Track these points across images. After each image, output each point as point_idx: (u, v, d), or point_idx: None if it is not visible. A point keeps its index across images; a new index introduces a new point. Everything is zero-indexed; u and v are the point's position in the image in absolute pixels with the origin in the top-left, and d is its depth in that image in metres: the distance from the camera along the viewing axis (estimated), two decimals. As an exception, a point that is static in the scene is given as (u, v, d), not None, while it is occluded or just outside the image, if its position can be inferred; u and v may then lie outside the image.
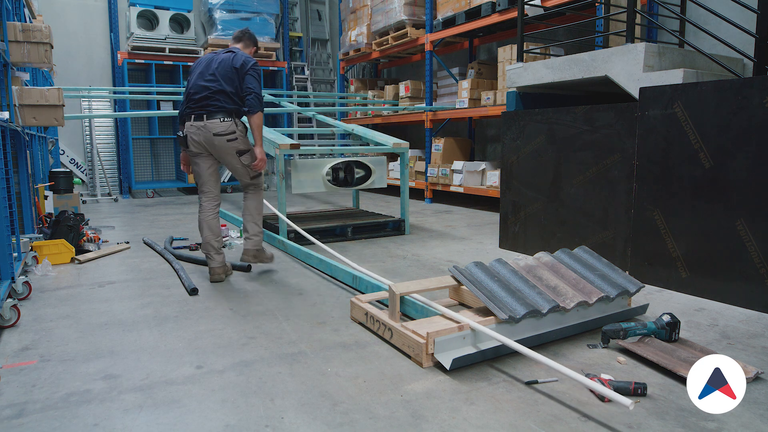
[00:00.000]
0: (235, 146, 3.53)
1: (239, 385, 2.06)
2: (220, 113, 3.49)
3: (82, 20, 9.57)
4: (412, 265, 4.04)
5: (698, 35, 4.90)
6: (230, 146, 3.53)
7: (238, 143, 3.54)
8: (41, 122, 4.04)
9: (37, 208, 4.90)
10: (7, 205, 3.06)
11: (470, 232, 5.45)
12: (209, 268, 3.64)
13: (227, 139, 3.50)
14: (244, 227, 3.79)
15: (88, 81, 9.61)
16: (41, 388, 2.05)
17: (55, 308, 3.05)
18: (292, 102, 9.14)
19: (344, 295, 3.25)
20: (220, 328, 2.69)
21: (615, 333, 2.36)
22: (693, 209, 3.14)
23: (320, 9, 12.03)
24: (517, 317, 2.31)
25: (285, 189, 4.77)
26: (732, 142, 2.95)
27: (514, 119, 4.34)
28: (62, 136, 9.17)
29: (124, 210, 7.67)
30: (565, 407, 1.88)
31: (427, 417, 1.82)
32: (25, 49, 3.88)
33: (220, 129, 3.48)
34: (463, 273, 2.62)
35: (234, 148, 3.53)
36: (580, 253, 2.93)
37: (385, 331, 2.49)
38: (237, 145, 3.54)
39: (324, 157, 5.21)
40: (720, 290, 3.06)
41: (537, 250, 3.62)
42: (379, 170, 5.26)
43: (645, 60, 3.41)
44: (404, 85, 8.52)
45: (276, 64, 10.33)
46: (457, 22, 7.21)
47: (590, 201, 3.79)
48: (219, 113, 3.49)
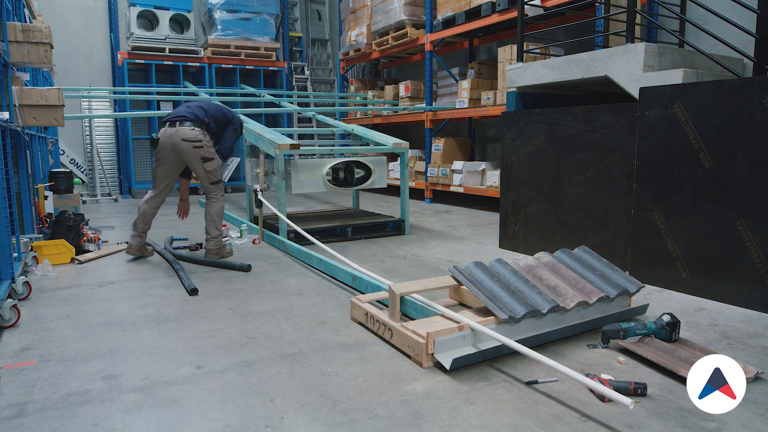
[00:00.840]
0: (200, 153, 4.03)
1: (239, 385, 2.06)
2: (193, 123, 4.02)
3: (82, 20, 9.57)
4: (412, 265, 4.04)
5: (698, 35, 4.90)
6: (195, 152, 4.02)
7: (203, 151, 4.04)
8: (41, 122, 4.04)
9: (37, 208, 4.90)
10: (7, 205, 3.06)
11: (470, 232, 5.45)
12: (127, 243, 4.30)
13: (193, 146, 4.00)
14: (206, 229, 4.22)
15: (88, 81, 9.61)
16: (41, 388, 2.05)
17: (55, 308, 3.05)
18: (292, 102, 9.15)
19: (344, 295, 3.25)
20: (220, 328, 2.69)
21: (615, 333, 2.36)
22: (693, 209, 3.14)
23: (320, 9, 12.04)
24: (517, 317, 2.31)
25: (285, 189, 4.77)
26: (732, 142, 2.95)
27: (514, 119, 4.34)
28: (62, 137, 9.17)
29: (124, 210, 7.67)
30: (565, 407, 1.88)
31: (427, 417, 1.82)
32: (25, 50, 3.88)
33: (189, 136, 3.98)
34: (463, 273, 2.62)
35: (199, 154, 4.03)
36: (580, 253, 2.93)
37: (385, 331, 2.49)
38: (202, 152, 4.04)
39: (324, 157, 5.21)
40: (720, 290, 3.06)
41: (537, 250, 3.62)
42: (379, 170, 5.26)
43: (645, 60, 3.41)
44: (404, 85, 8.52)
45: (276, 64, 10.33)
46: (457, 22, 7.22)
47: (590, 201, 3.79)
48: (192, 123, 4.02)
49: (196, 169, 4.09)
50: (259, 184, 4.97)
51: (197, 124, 4.03)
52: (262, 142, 5.05)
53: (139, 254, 4.27)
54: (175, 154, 4.06)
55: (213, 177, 4.13)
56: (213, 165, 4.10)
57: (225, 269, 3.93)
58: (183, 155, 4.03)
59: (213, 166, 4.10)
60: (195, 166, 4.08)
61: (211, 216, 4.19)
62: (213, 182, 4.15)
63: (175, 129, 3.99)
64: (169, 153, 4.05)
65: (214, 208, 4.19)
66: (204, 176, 4.11)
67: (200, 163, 4.04)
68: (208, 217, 4.19)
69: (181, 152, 4.01)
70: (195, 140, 3.98)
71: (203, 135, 4.03)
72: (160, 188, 4.22)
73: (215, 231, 4.20)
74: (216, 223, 4.20)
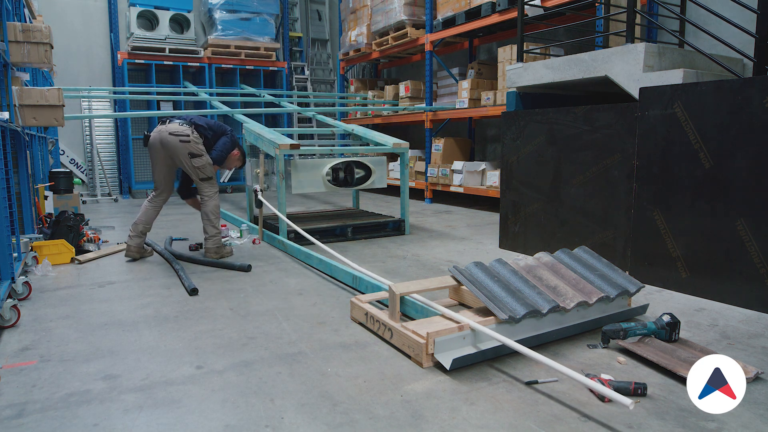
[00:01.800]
0: (187, 148, 4.02)
1: (239, 386, 2.06)
2: (184, 122, 4.10)
3: (82, 20, 9.57)
4: (412, 265, 4.04)
5: (698, 35, 4.90)
6: (182, 147, 4.02)
7: (190, 146, 4.03)
8: (41, 122, 4.04)
9: (37, 208, 4.90)
10: (7, 205, 3.06)
11: (470, 232, 5.45)
12: (126, 244, 4.26)
13: (180, 139, 4.00)
14: (204, 229, 4.23)
15: (88, 81, 9.61)
16: (41, 388, 2.05)
17: (55, 308, 3.05)
18: (292, 102, 9.15)
19: (344, 295, 3.25)
20: (220, 328, 2.69)
21: (615, 333, 2.36)
22: (693, 209, 3.14)
23: (320, 9, 12.03)
24: (517, 317, 2.31)
25: (285, 189, 4.77)
26: (732, 142, 2.95)
27: (514, 119, 4.34)
28: (62, 137, 9.17)
29: (124, 210, 7.67)
30: (565, 407, 1.88)
31: (427, 417, 1.82)
32: (25, 50, 3.87)
33: (177, 130, 4.02)
34: (463, 273, 2.62)
35: (186, 149, 4.02)
36: (580, 253, 2.93)
37: (385, 331, 2.49)
38: (189, 148, 4.03)
39: (324, 157, 5.20)
40: (720, 290, 3.05)
41: (537, 250, 3.62)
42: (379, 170, 5.26)
43: (645, 60, 3.41)
44: (404, 85, 8.52)
45: (276, 64, 10.33)
46: (457, 23, 7.21)
47: (590, 201, 3.79)
48: (183, 121, 4.11)
49: (184, 164, 4.09)
50: (259, 184, 4.97)
51: (188, 123, 4.09)
52: (262, 142, 5.05)
53: (138, 256, 4.25)
54: (163, 150, 4.06)
55: (201, 173, 4.11)
56: (201, 161, 4.07)
57: (225, 269, 3.93)
58: (170, 150, 4.03)
59: (201, 163, 4.07)
60: (183, 162, 4.07)
61: (206, 215, 4.19)
62: (202, 179, 4.14)
63: (165, 126, 4.07)
64: (158, 149, 4.08)
65: (208, 207, 4.19)
66: (192, 172, 4.12)
67: (188, 159, 4.04)
68: (204, 217, 4.20)
69: (168, 147, 4.02)
70: (182, 134, 4.00)
71: (191, 132, 4.04)
72: (160, 189, 4.25)
73: (212, 230, 4.21)
74: (212, 221, 4.20)
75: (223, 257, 4.25)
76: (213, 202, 4.20)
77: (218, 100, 8.02)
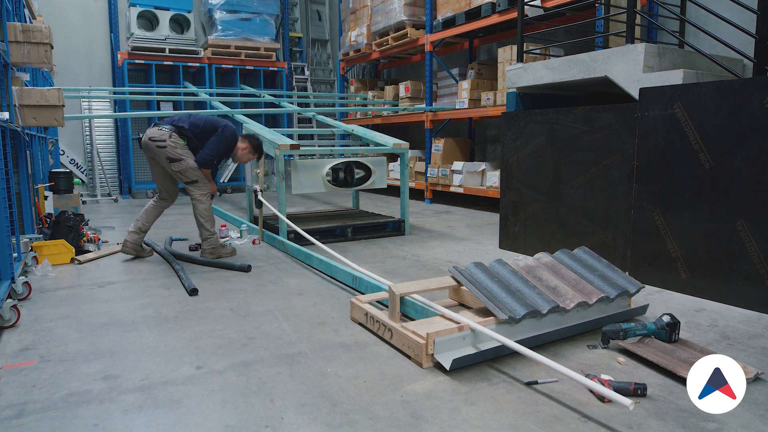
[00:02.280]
0: (164, 153, 4.04)
1: (239, 386, 2.06)
2: (165, 125, 4.09)
3: (82, 20, 9.57)
4: (412, 265, 4.04)
5: (698, 36, 4.90)
6: (160, 152, 4.04)
7: (166, 151, 4.03)
8: (41, 122, 4.04)
9: (37, 208, 4.90)
10: (7, 205, 3.06)
11: (470, 232, 5.45)
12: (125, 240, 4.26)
13: (157, 145, 4.03)
14: (199, 232, 4.26)
15: (88, 81, 9.61)
16: (41, 388, 2.05)
17: (55, 308, 3.05)
18: (292, 102, 9.15)
19: (344, 296, 3.25)
20: (220, 328, 2.69)
21: (615, 333, 2.36)
22: (693, 209, 3.14)
23: (320, 9, 12.04)
24: (517, 318, 2.31)
25: (285, 189, 4.78)
26: (732, 142, 2.95)
27: (514, 120, 4.35)
28: (62, 137, 9.17)
29: (124, 210, 7.67)
30: (565, 408, 1.88)
31: (427, 417, 1.82)
32: (25, 50, 3.87)
33: (155, 135, 4.04)
34: (463, 273, 2.62)
35: (164, 155, 4.04)
36: (580, 253, 2.93)
37: (385, 331, 2.49)
38: (166, 152, 4.03)
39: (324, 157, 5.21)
40: (720, 291, 3.05)
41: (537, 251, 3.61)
42: (379, 171, 5.26)
43: (645, 60, 3.41)
44: (404, 85, 8.52)
45: (276, 64, 10.33)
46: (457, 23, 7.22)
47: (590, 201, 3.79)
48: (165, 124, 4.09)
49: (167, 169, 4.13)
50: (259, 184, 4.97)
51: (170, 126, 4.09)
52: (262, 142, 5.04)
53: (134, 253, 4.26)
54: (147, 153, 4.15)
55: (184, 177, 4.11)
56: (180, 166, 4.05)
57: (225, 269, 3.93)
58: (151, 153, 4.10)
59: (180, 167, 4.06)
60: (163, 165, 4.11)
61: (197, 219, 4.23)
62: (187, 182, 4.15)
63: (149, 129, 4.12)
64: (145, 152, 4.17)
65: (198, 210, 4.20)
66: (175, 176, 4.17)
67: (167, 163, 4.06)
68: (196, 220, 4.24)
69: (149, 151, 4.10)
70: (159, 140, 4.02)
71: (168, 136, 4.02)
72: (162, 194, 4.32)
73: (206, 232, 4.23)
74: (204, 224, 4.22)
75: (221, 257, 4.25)
76: (202, 205, 4.19)
77: (218, 100, 8.02)
